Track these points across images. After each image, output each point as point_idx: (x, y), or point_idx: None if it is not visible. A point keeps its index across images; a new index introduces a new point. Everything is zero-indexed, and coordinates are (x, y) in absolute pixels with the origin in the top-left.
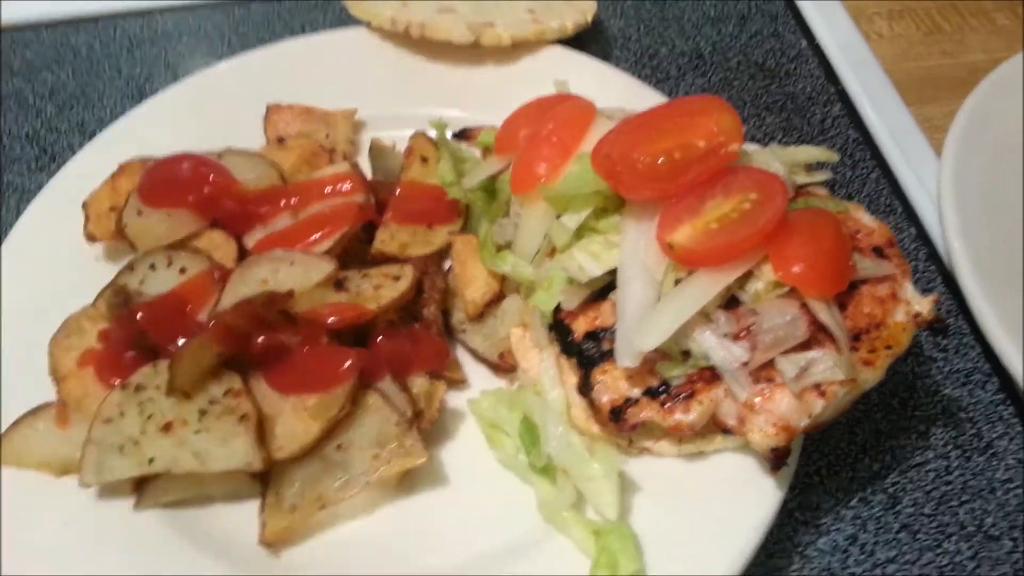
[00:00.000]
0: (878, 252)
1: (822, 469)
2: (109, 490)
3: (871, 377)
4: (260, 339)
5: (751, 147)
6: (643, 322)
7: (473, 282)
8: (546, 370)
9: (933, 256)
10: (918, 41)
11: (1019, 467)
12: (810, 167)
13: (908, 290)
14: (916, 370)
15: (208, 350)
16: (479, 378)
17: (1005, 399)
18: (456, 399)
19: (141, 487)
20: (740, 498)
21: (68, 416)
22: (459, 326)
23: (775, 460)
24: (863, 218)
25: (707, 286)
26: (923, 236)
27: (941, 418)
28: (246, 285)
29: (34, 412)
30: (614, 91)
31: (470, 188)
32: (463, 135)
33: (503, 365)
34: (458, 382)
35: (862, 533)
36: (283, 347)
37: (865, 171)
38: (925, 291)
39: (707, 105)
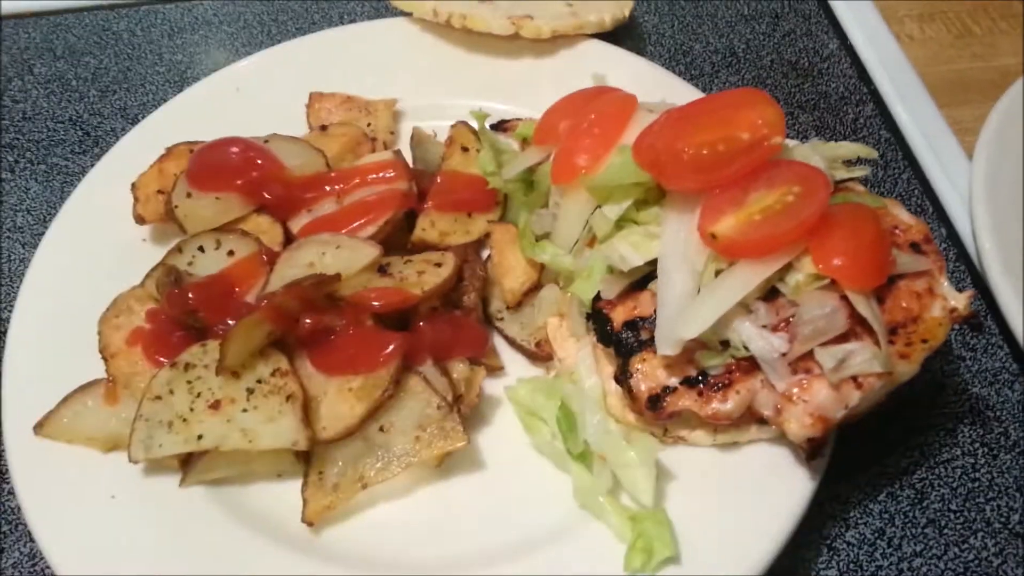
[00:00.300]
0: (915, 248)
1: (851, 464)
2: (155, 467)
3: (907, 370)
4: (308, 321)
5: (791, 142)
6: (684, 311)
7: (512, 271)
8: (583, 359)
9: (963, 256)
10: (948, 44)
11: None
12: (849, 163)
13: (944, 286)
14: (945, 368)
15: (259, 329)
16: (516, 366)
17: None
18: (493, 386)
19: (187, 464)
20: (772, 488)
21: (117, 393)
22: (497, 314)
23: (811, 450)
24: (901, 214)
25: (748, 277)
26: (953, 236)
27: (969, 416)
28: (293, 268)
29: (83, 389)
30: (651, 85)
31: (509, 179)
32: (501, 126)
33: (540, 353)
34: (496, 369)
35: (889, 527)
36: (329, 329)
37: (897, 171)
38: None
39: (750, 98)
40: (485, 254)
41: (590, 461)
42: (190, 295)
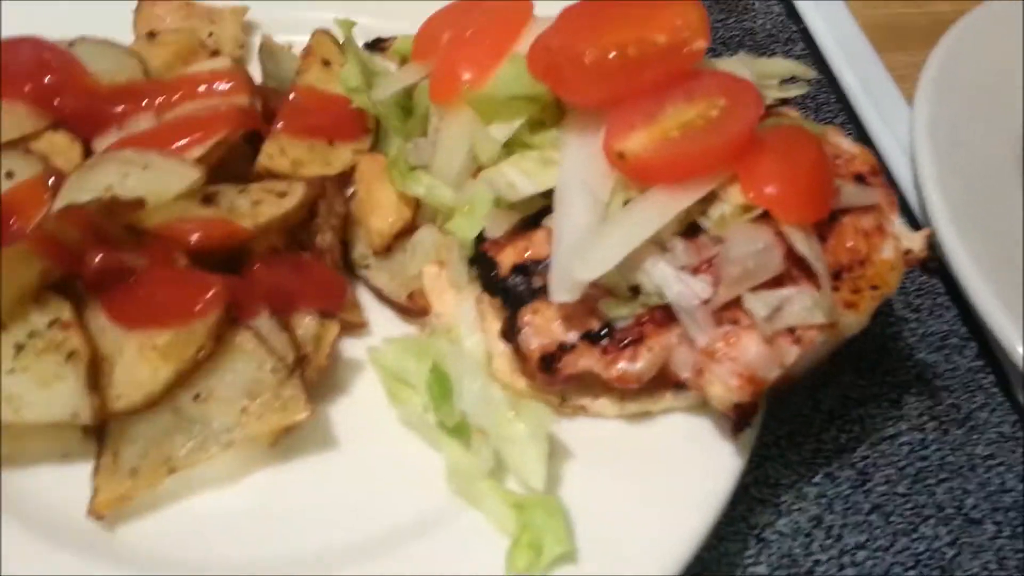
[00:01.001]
0: (860, 180)
1: (782, 440)
2: None
3: (854, 322)
4: (98, 258)
5: (718, 59)
6: (584, 248)
7: (380, 209)
8: (464, 313)
9: (904, 207)
10: None
11: (1001, 442)
12: (783, 82)
13: (896, 223)
14: (887, 332)
15: (27, 266)
16: (383, 323)
17: (984, 366)
18: (354, 347)
19: None
20: (691, 470)
21: None
22: (361, 261)
23: (738, 419)
24: (842, 142)
25: (663, 207)
26: (892, 184)
27: (915, 385)
28: (85, 192)
29: None
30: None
31: (381, 100)
32: (376, 45)
33: (412, 308)
34: (357, 326)
35: (828, 514)
36: (128, 270)
37: (830, 115)
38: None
39: None
40: (351, 192)
41: (468, 437)
42: None
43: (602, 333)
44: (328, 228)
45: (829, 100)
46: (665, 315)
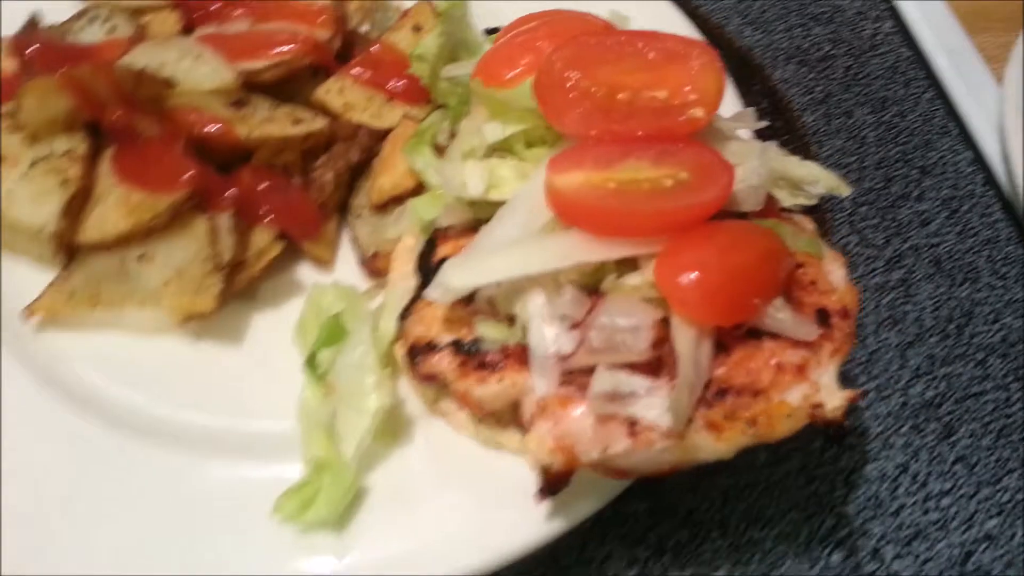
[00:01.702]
0: (822, 316)
1: (871, 392)
2: None
3: (708, 447)
4: (116, 115)
5: (744, 134)
6: (471, 257)
7: (391, 170)
8: (405, 287)
9: (991, 182)
10: None
11: None
12: (803, 189)
13: (826, 374)
14: (974, 296)
15: (54, 97)
16: (349, 273)
17: None
18: (310, 278)
19: None
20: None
21: None
22: (356, 210)
23: (545, 483)
24: (834, 274)
25: (572, 249)
26: (980, 160)
27: (1000, 348)
28: (144, 60)
29: None
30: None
31: (448, 77)
32: (492, 32)
33: (370, 265)
34: (322, 261)
35: (913, 463)
36: (136, 133)
37: (919, 90)
38: (983, 216)
39: (693, 52)
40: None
41: (324, 387)
42: (31, 47)
43: (470, 347)
44: (331, 168)
45: (918, 76)
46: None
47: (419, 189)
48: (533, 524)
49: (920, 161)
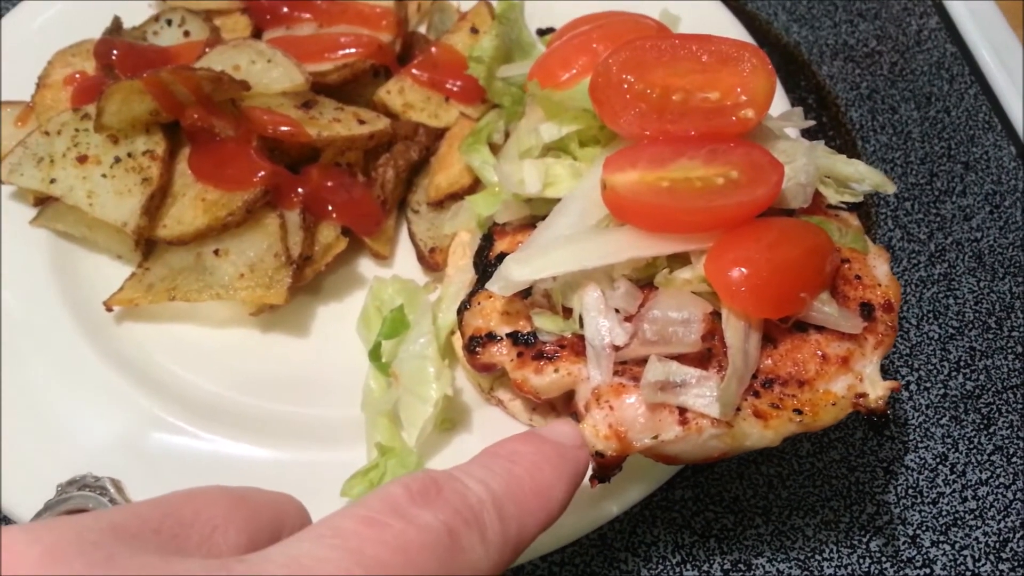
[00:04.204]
0: (866, 309)
1: (911, 384)
2: (19, 196)
3: (756, 434)
4: (195, 115)
5: (787, 130)
6: (531, 252)
7: (448, 168)
8: (462, 280)
9: None
10: None
11: None
12: (848, 186)
13: (870, 365)
14: (1015, 290)
15: (137, 97)
16: (406, 267)
17: None
18: (370, 272)
19: (42, 205)
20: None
21: (27, 118)
22: (415, 206)
23: (598, 468)
24: (878, 269)
25: (626, 245)
26: (1023, 156)
27: None
28: (219, 63)
29: (4, 104)
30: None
31: (503, 77)
32: (545, 32)
33: (428, 260)
34: (380, 256)
35: (952, 452)
36: (214, 133)
37: (963, 86)
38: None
39: (744, 55)
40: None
41: (387, 376)
42: (114, 51)
43: (526, 339)
44: (392, 166)
45: (963, 72)
46: (584, 346)
47: (474, 186)
48: (584, 509)
49: (964, 157)
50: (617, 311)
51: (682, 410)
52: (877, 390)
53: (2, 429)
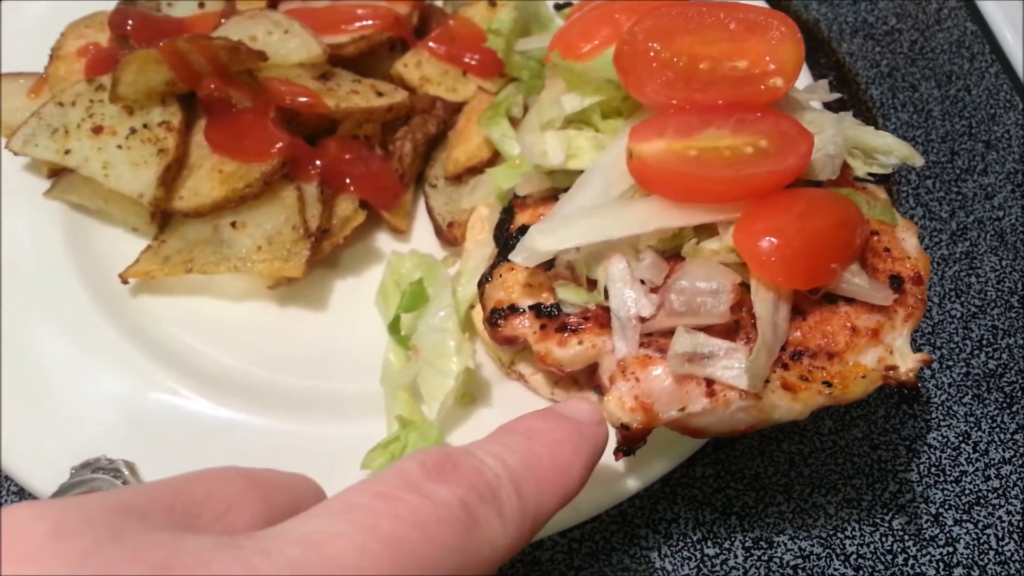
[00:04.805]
0: (895, 282)
1: (934, 363)
2: (33, 170)
3: (784, 407)
4: (212, 85)
5: (816, 104)
6: (555, 222)
7: (467, 142)
8: (481, 254)
9: None
10: None
11: None
12: (876, 158)
13: (900, 338)
14: None
15: (154, 68)
16: (424, 241)
17: None
18: (387, 246)
19: (56, 177)
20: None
21: (41, 90)
22: (432, 180)
23: (622, 441)
24: (907, 241)
25: (653, 215)
26: None
27: None
28: (235, 33)
29: (17, 76)
30: None
31: (522, 51)
32: (562, 7)
33: (446, 234)
34: (398, 231)
35: (975, 431)
36: (231, 104)
37: (983, 65)
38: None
39: (772, 22)
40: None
41: (407, 349)
42: (129, 21)
43: (550, 310)
44: (410, 139)
45: (983, 50)
46: (609, 318)
47: (493, 160)
48: (605, 484)
49: (985, 135)
50: (643, 282)
51: (709, 382)
52: (907, 363)
53: (16, 405)
